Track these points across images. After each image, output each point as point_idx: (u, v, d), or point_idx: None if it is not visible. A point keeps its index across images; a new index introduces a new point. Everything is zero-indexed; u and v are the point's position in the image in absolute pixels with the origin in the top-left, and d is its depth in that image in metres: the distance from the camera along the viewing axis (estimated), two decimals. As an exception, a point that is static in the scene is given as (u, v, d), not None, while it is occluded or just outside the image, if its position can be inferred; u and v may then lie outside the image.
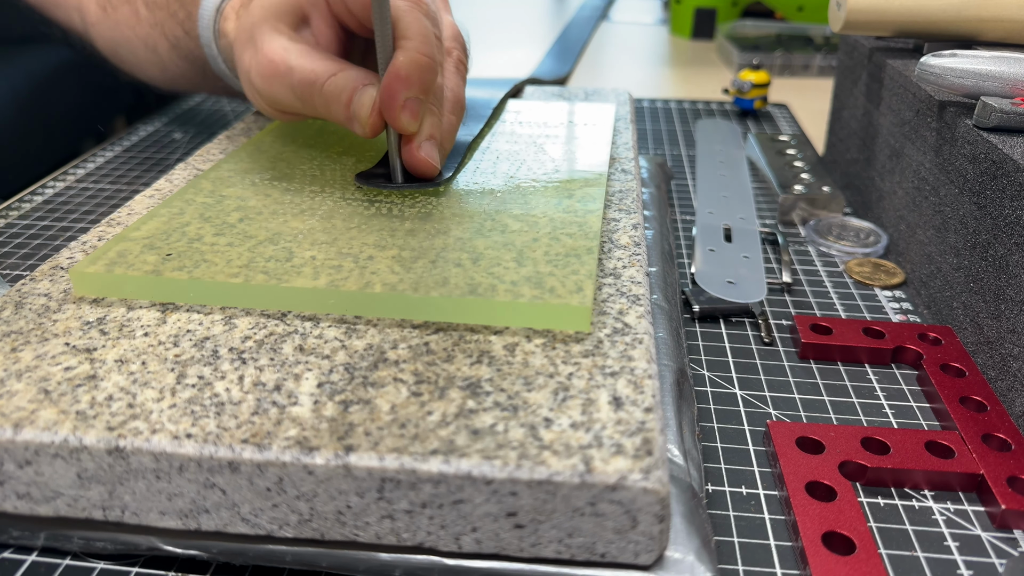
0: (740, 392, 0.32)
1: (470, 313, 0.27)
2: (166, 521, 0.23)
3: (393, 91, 0.31)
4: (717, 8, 0.96)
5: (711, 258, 0.40)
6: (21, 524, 0.24)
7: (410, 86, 0.31)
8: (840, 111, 0.52)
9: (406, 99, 0.31)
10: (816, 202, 0.46)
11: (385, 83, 0.31)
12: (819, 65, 0.81)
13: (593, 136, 0.41)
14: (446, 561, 0.23)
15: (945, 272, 0.36)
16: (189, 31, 0.45)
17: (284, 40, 0.34)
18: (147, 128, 0.60)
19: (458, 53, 0.37)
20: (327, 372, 0.25)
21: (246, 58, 0.35)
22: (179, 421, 0.23)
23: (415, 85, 0.31)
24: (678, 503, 0.24)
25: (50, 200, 0.48)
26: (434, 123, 0.33)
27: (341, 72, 0.33)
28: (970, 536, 0.26)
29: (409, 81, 0.31)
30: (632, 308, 0.28)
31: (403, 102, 0.31)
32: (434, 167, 0.33)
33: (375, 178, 0.35)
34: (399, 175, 0.34)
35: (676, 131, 0.61)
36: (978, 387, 0.31)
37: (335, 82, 0.32)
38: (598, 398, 0.24)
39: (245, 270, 0.28)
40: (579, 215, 0.32)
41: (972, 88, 0.35)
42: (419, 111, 0.32)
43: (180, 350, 0.26)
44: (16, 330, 0.27)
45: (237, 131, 0.43)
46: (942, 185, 0.37)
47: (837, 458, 0.27)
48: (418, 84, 0.31)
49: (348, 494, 0.22)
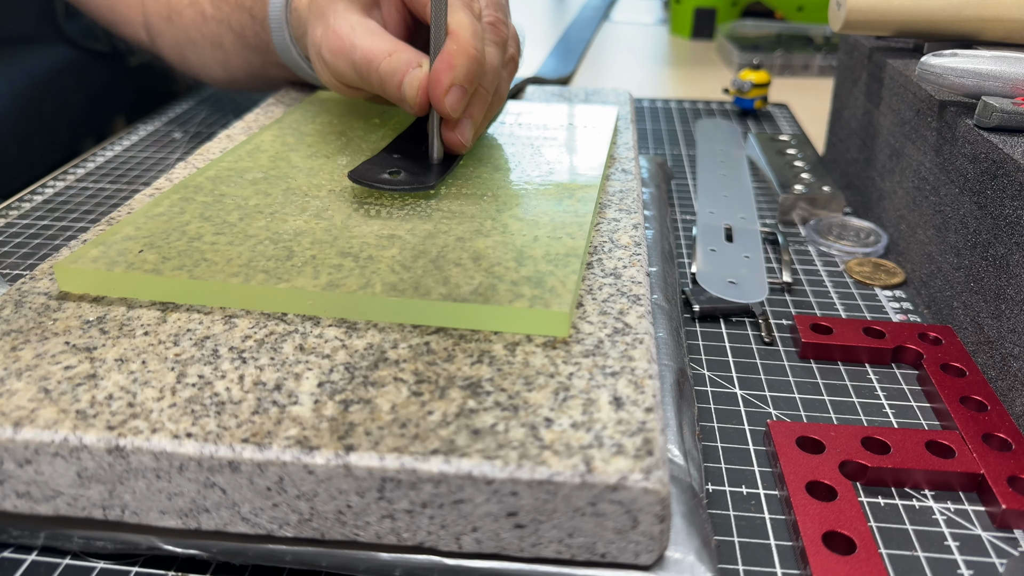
0: (740, 392, 0.32)
1: (448, 318, 0.27)
2: (166, 520, 0.23)
3: (440, 77, 0.33)
4: (717, 8, 0.96)
5: (712, 258, 0.40)
6: (21, 523, 0.24)
7: (455, 74, 0.33)
8: (840, 111, 0.52)
9: (451, 85, 0.33)
10: (816, 202, 0.46)
11: (434, 68, 0.33)
12: (819, 65, 0.81)
13: (591, 139, 0.41)
14: (446, 561, 0.23)
15: (945, 272, 0.36)
16: (256, 14, 0.48)
17: (354, 17, 0.37)
18: (147, 128, 0.60)
19: (513, 51, 0.40)
20: (327, 371, 0.25)
21: (318, 32, 0.38)
22: (179, 420, 0.23)
23: (460, 73, 0.33)
24: (678, 503, 0.24)
25: (50, 200, 0.48)
26: (478, 107, 0.36)
27: (396, 53, 0.35)
28: (970, 536, 0.26)
29: (455, 69, 0.33)
30: (632, 308, 0.28)
31: (448, 88, 0.33)
32: (465, 146, 0.36)
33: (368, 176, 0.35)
34: (435, 154, 0.36)
35: (676, 131, 0.61)
36: (978, 387, 0.31)
37: (390, 62, 0.35)
38: (599, 398, 0.24)
39: (245, 269, 0.28)
40: (578, 216, 0.32)
41: (973, 88, 0.35)
42: (463, 97, 0.34)
43: (180, 349, 0.26)
44: (16, 329, 0.27)
45: (237, 130, 0.43)
46: (942, 185, 0.37)
47: (837, 458, 0.27)
48: (463, 73, 0.33)
49: (348, 494, 0.22)
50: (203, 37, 0.52)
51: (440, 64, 0.33)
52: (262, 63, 0.51)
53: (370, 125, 0.43)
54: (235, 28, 0.50)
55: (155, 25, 0.54)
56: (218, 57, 0.53)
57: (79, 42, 0.65)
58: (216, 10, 0.50)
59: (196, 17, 0.52)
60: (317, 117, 0.44)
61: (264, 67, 0.52)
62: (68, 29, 0.64)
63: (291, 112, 0.44)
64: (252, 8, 0.48)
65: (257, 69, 0.52)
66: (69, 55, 0.64)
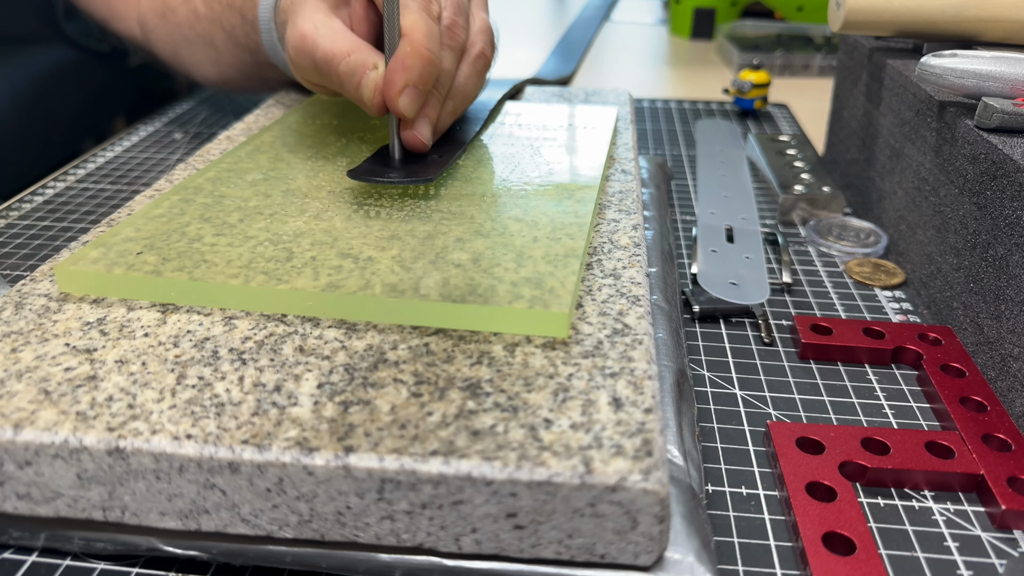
0: (740, 392, 0.32)
1: (448, 319, 0.27)
2: (166, 522, 0.23)
3: (394, 78, 0.33)
4: (716, 8, 0.96)
5: (713, 259, 0.40)
6: (21, 525, 0.24)
7: (409, 75, 0.33)
8: (840, 111, 0.52)
9: (405, 86, 0.33)
10: (816, 202, 0.46)
11: (388, 69, 0.34)
12: (819, 65, 0.81)
13: (591, 139, 0.41)
14: (446, 562, 0.23)
15: (945, 272, 0.36)
16: (246, 15, 0.48)
17: (319, 17, 0.37)
18: (147, 128, 0.60)
19: (482, 47, 0.39)
20: (327, 373, 0.25)
21: (287, 31, 0.38)
22: (179, 422, 0.23)
23: (414, 75, 0.33)
24: (678, 504, 0.24)
25: (50, 200, 0.48)
26: (432, 106, 0.36)
27: (355, 53, 0.35)
28: (970, 536, 0.26)
29: (409, 71, 0.33)
30: (632, 309, 0.28)
31: (401, 89, 0.33)
32: (424, 144, 0.36)
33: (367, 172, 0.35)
34: (396, 154, 0.36)
35: (676, 131, 0.61)
36: (978, 387, 0.31)
37: (348, 63, 0.35)
38: (598, 399, 0.24)
39: (245, 270, 0.28)
40: (578, 216, 0.32)
41: (973, 88, 0.35)
42: (417, 98, 0.34)
43: (180, 351, 0.26)
44: (16, 330, 0.27)
45: (237, 131, 0.43)
46: (942, 185, 0.37)
47: (837, 458, 0.27)
48: (417, 74, 0.33)
49: (348, 495, 0.22)
50: (196, 35, 0.52)
51: (394, 65, 0.33)
52: (253, 63, 0.51)
53: (370, 126, 0.43)
54: (226, 27, 0.50)
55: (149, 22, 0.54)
56: (210, 55, 0.53)
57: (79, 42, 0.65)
58: (208, 9, 0.51)
59: (189, 15, 0.52)
60: (317, 118, 0.44)
61: (256, 67, 0.52)
62: (68, 29, 0.64)
63: (291, 113, 0.44)
64: (243, 8, 0.48)
65: (249, 68, 0.53)
66: (69, 55, 0.64)
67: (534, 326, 0.26)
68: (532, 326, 0.26)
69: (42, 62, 0.62)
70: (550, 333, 0.26)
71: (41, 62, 0.62)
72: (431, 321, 0.27)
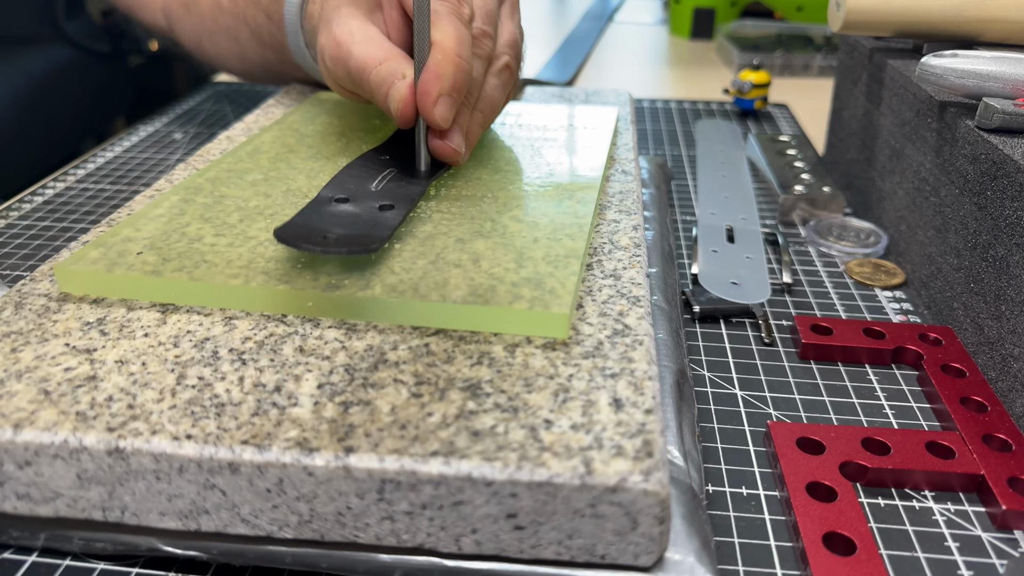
0: (740, 393, 0.32)
1: (448, 319, 0.27)
2: (166, 522, 0.23)
3: (428, 87, 0.33)
4: (716, 8, 0.96)
5: (713, 259, 0.40)
6: (21, 525, 0.24)
7: (443, 83, 0.33)
8: (840, 111, 0.52)
9: (439, 95, 0.33)
10: (816, 202, 0.46)
11: (422, 79, 0.33)
12: (819, 65, 0.81)
13: (591, 140, 0.41)
14: (446, 562, 0.23)
15: (945, 273, 0.36)
16: (272, 15, 0.48)
17: (355, 23, 0.36)
18: (147, 128, 0.60)
19: (508, 59, 0.39)
20: (327, 373, 0.25)
21: (322, 38, 0.38)
22: (179, 422, 0.23)
23: (447, 83, 0.33)
24: (678, 504, 0.24)
25: (50, 200, 0.48)
26: (464, 115, 0.35)
27: (386, 62, 0.35)
28: (970, 537, 0.26)
29: (443, 79, 0.33)
30: (632, 309, 0.28)
31: (436, 98, 0.33)
32: (457, 154, 0.35)
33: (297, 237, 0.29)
34: (422, 165, 0.36)
35: (676, 131, 0.61)
36: (979, 388, 0.31)
37: (379, 72, 0.35)
38: (598, 400, 0.24)
39: (245, 271, 0.28)
40: (578, 217, 0.32)
41: (973, 89, 0.35)
42: (452, 107, 0.34)
43: (180, 351, 0.26)
44: (16, 330, 0.27)
45: (237, 131, 0.43)
46: (942, 186, 0.37)
47: (837, 459, 0.27)
48: (451, 83, 0.33)
49: (348, 495, 0.22)
50: (220, 29, 0.52)
51: (428, 74, 0.33)
52: (278, 61, 0.51)
53: (370, 127, 0.43)
54: (251, 24, 0.50)
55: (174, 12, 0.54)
56: (234, 50, 0.53)
57: (79, 42, 0.65)
58: (232, 3, 0.51)
59: (213, 8, 0.52)
60: (317, 118, 0.44)
61: (281, 65, 0.52)
62: (68, 29, 0.64)
63: (291, 113, 0.44)
64: (268, 8, 0.48)
65: (273, 66, 0.52)
66: (69, 55, 0.64)
67: (534, 327, 0.26)
68: (532, 327, 0.26)
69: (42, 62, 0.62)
70: (550, 334, 0.26)
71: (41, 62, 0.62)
72: (431, 322, 0.27)
